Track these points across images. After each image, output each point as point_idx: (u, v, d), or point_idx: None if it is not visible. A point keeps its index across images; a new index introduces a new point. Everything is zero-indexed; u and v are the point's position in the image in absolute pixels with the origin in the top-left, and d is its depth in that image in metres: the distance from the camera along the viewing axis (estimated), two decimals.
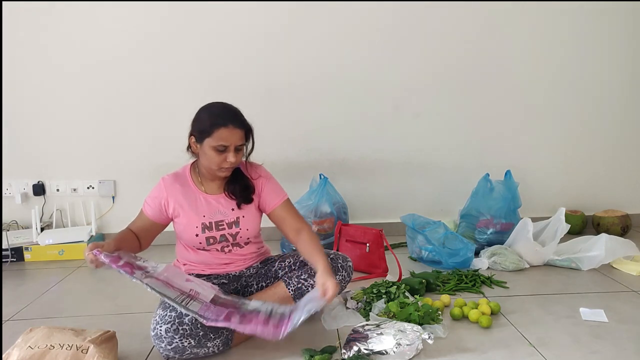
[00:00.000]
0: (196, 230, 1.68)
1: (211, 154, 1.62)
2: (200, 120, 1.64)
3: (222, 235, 1.72)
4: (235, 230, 1.73)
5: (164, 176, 1.73)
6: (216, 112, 1.64)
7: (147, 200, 1.71)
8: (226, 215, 1.72)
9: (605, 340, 1.64)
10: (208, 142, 1.61)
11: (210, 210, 1.70)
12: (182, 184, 1.72)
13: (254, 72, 2.76)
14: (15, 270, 2.54)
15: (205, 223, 1.69)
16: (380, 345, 1.50)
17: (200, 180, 1.74)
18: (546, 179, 3.03)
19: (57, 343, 1.42)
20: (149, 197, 1.71)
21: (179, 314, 1.48)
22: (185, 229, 1.69)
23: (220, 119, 1.60)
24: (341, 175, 2.89)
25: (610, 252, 2.29)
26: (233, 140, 1.61)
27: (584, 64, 2.91)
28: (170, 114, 2.75)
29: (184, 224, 1.69)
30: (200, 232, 1.68)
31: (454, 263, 2.35)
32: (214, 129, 1.59)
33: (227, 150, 1.61)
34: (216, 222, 1.70)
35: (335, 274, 1.74)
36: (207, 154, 1.62)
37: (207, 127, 1.60)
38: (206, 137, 1.61)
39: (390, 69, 2.83)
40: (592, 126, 3.00)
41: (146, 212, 1.70)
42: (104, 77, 2.73)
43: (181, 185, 1.71)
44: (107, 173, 2.86)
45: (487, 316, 1.76)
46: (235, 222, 1.73)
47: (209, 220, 1.69)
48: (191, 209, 1.69)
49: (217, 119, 1.60)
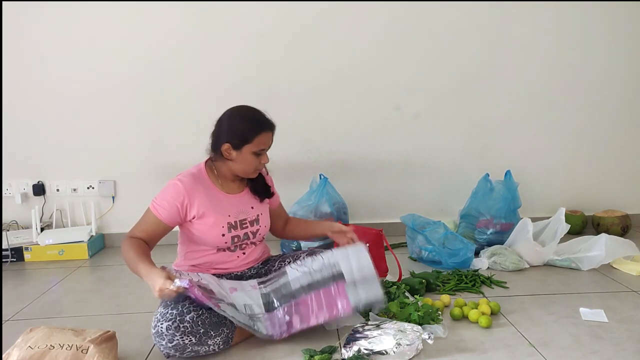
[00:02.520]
0: (222, 230, 1.69)
1: (250, 159, 1.65)
2: (237, 129, 1.63)
3: (245, 234, 1.75)
4: (256, 227, 1.78)
5: (181, 177, 1.66)
6: (253, 117, 1.66)
7: (159, 204, 1.63)
8: (248, 213, 1.76)
9: (605, 340, 1.64)
10: (248, 148, 1.63)
11: (234, 209, 1.73)
12: (204, 185, 1.69)
13: (253, 72, 2.76)
14: (15, 270, 2.54)
15: (231, 222, 1.71)
16: (380, 345, 1.50)
17: (220, 181, 1.74)
18: (546, 179, 3.03)
19: (57, 343, 1.42)
20: (162, 200, 1.63)
21: (180, 311, 1.48)
22: (210, 229, 1.68)
23: (260, 125, 1.64)
24: (341, 175, 2.89)
25: (610, 252, 2.29)
26: (270, 143, 1.68)
27: (584, 64, 2.91)
28: (170, 114, 2.75)
29: (209, 224, 1.67)
30: (226, 232, 1.70)
31: (454, 263, 2.35)
32: (255, 135, 1.62)
33: (263, 153, 1.67)
34: (240, 220, 1.73)
35: None
36: (247, 159, 1.65)
37: (249, 134, 1.62)
38: (246, 144, 1.63)
39: (391, 69, 2.83)
40: (592, 126, 3.00)
41: (160, 215, 1.63)
42: (104, 77, 2.73)
43: (203, 186, 1.69)
44: (107, 173, 2.86)
45: (487, 316, 1.76)
46: (256, 220, 1.77)
47: (234, 220, 1.72)
48: (216, 210, 1.69)
49: (258, 125, 1.64)
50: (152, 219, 1.64)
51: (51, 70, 2.71)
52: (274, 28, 2.74)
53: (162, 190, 1.66)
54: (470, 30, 2.82)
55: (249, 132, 1.62)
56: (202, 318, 1.50)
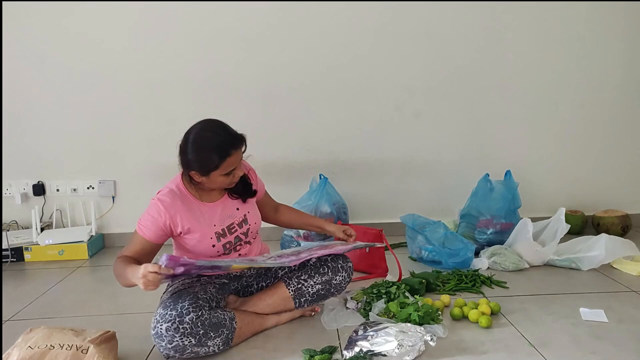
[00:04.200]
0: (211, 241, 1.67)
1: (221, 180, 1.61)
2: (201, 160, 1.56)
3: (237, 237, 1.73)
4: (246, 227, 1.75)
5: (159, 197, 1.62)
6: (216, 144, 1.55)
7: (143, 224, 1.60)
8: (234, 217, 1.73)
9: (605, 340, 1.64)
10: (216, 173, 1.57)
11: (218, 217, 1.69)
12: (183, 200, 1.64)
13: (254, 72, 2.76)
14: (15, 270, 2.54)
15: (219, 231, 1.69)
16: (382, 347, 1.50)
17: (197, 193, 1.69)
18: (546, 179, 3.03)
19: (57, 343, 1.42)
20: (145, 221, 1.60)
21: (179, 312, 1.48)
22: (199, 243, 1.66)
23: (225, 151, 1.55)
24: (341, 175, 2.89)
25: (610, 252, 2.29)
26: (239, 159, 1.61)
27: (584, 64, 2.91)
28: (170, 114, 2.75)
29: (197, 239, 1.65)
30: (216, 242, 1.68)
31: (454, 263, 2.35)
32: (221, 162, 1.55)
33: (234, 172, 1.61)
34: (228, 226, 1.71)
35: (335, 274, 1.76)
36: (217, 180, 1.60)
37: (214, 163, 1.55)
38: (214, 171, 1.57)
39: (391, 69, 2.83)
40: (592, 126, 3.00)
41: (145, 236, 1.60)
42: (104, 77, 2.73)
43: (182, 202, 1.64)
44: (107, 173, 2.86)
45: (487, 316, 1.76)
46: (244, 220, 1.75)
47: (221, 228, 1.69)
48: (200, 222, 1.65)
49: (222, 152, 1.54)
50: (139, 240, 1.61)
51: (51, 70, 2.70)
52: (274, 28, 2.74)
53: (145, 211, 1.63)
54: (471, 30, 2.82)
55: (213, 162, 1.54)
56: (201, 319, 1.50)
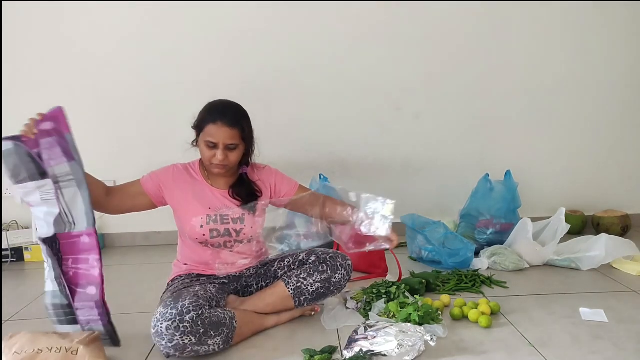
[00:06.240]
0: (200, 221, 1.69)
1: (202, 149, 1.68)
2: (199, 115, 1.70)
3: (226, 230, 1.72)
4: (240, 226, 1.74)
5: (177, 164, 1.78)
6: (210, 107, 1.69)
7: (150, 174, 1.74)
8: (232, 210, 1.74)
9: (605, 340, 1.64)
10: (201, 136, 1.66)
11: (216, 203, 1.73)
12: (191, 175, 1.76)
13: (254, 72, 2.76)
14: (15, 270, 2.54)
15: (211, 215, 1.70)
16: (382, 347, 1.50)
17: (207, 174, 1.77)
18: (546, 179, 3.03)
19: (44, 347, 1.40)
20: (153, 173, 1.75)
21: (179, 311, 1.48)
22: (187, 217, 1.70)
23: (209, 115, 1.65)
24: (341, 175, 2.89)
25: (610, 252, 2.29)
26: (221, 138, 1.63)
27: (584, 64, 2.92)
28: (170, 114, 2.75)
29: (189, 211, 1.70)
30: (205, 223, 1.69)
31: (454, 263, 2.35)
32: (204, 124, 1.65)
33: (216, 147, 1.64)
34: (221, 215, 1.72)
35: (334, 272, 1.76)
36: (201, 148, 1.68)
37: (200, 122, 1.67)
38: (200, 132, 1.66)
39: (391, 69, 2.83)
40: (592, 126, 3.00)
41: (143, 182, 1.72)
42: (103, 77, 2.73)
43: (190, 176, 1.76)
44: (107, 173, 2.85)
45: (487, 316, 1.76)
46: (240, 219, 1.74)
47: (214, 213, 1.71)
48: (196, 199, 1.71)
49: (207, 115, 1.66)
50: (135, 182, 1.73)
51: (50, 70, 2.70)
52: (274, 28, 2.74)
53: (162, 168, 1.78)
54: (471, 30, 2.82)
55: (202, 121, 1.66)
56: (202, 318, 1.50)
